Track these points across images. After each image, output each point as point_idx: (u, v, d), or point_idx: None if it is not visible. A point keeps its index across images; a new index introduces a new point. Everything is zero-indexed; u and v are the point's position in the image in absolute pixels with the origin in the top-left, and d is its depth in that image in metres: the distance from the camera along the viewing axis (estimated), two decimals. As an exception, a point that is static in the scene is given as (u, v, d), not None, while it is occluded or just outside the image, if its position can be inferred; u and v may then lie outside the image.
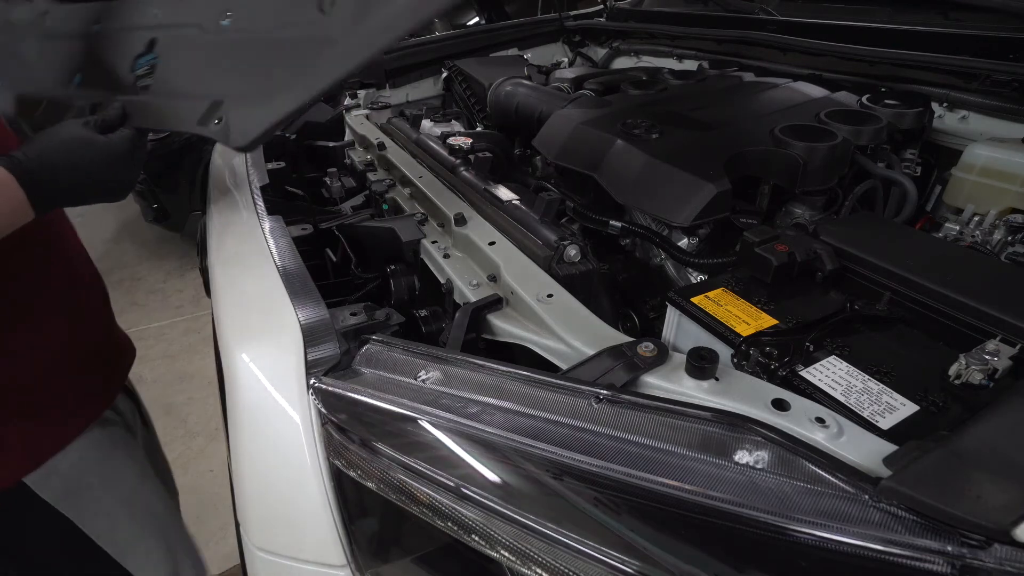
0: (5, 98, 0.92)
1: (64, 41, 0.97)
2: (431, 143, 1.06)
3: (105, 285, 0.89)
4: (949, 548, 0.31)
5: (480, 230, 0.78)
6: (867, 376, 0.49)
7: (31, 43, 1.01)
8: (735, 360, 0.53)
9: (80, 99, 0.86)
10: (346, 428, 0.48)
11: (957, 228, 0.78)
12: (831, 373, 0.50)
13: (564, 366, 0.57)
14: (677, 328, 0.61)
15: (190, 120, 0.68)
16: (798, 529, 0.34)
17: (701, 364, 0.47)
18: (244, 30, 0.71)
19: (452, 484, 0.42)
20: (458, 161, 0.96)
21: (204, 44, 0.75)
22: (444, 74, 1.59)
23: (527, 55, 1.70)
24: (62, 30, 0.99)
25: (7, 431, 0.70)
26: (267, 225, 0.76)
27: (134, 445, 0.88)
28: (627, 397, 0.44)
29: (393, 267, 0.83)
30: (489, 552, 0.41)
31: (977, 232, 0.76)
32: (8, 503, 0.71)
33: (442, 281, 0.76)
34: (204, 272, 0.92)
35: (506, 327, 0.65)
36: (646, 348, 0.52)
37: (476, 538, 0.41)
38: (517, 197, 0.84)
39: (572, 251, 0.69)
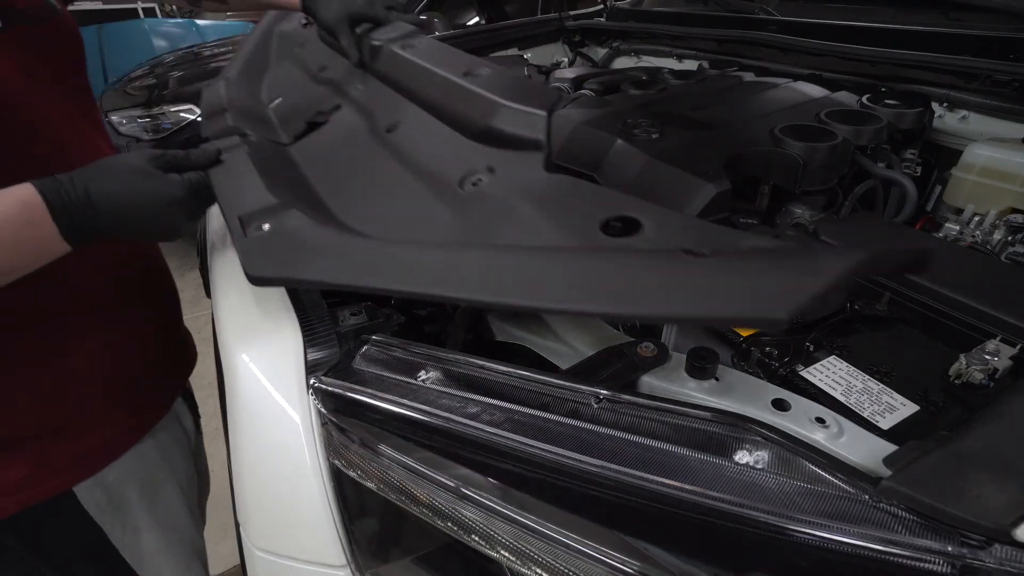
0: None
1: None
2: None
3: (175, 284, 0.88)
4: (949, 548, 0.31)
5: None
6: (867, 376, 0.49)
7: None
8: (735, 360, 0.53)
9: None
10: (346, 428, 0.48)
11: (957, 228, 0.78)
12: (831, 373, 0.50)
13: (564, 366, 0.57)
14: (677, 328, 0.61)
15: (240, 205, 0.61)
16: (798, 529, 0.34)
17: (701, 364, 0.47)
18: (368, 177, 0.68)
19: (452, 484, 0.42)
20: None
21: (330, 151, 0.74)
22: (444, 74, 1.59)
23: (527, 55, 1.70)
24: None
25: (66, 431, 0.68)
26: (267, 225, 0.76)
27: (181, 457, 0.87)
28: (627, 397, 0.44)
29: None
30: (489, 552, 0.41)
31: (977, 232, 0.76)
32: (56, 510, 0.69)
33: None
34: (204, 272, 0.92)
35: (506, 327, 0.65)
36: (646, 348, 0.52)
37: (476, 538, 0.41)
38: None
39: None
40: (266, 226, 0.56)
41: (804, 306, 0.28)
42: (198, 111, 2.73)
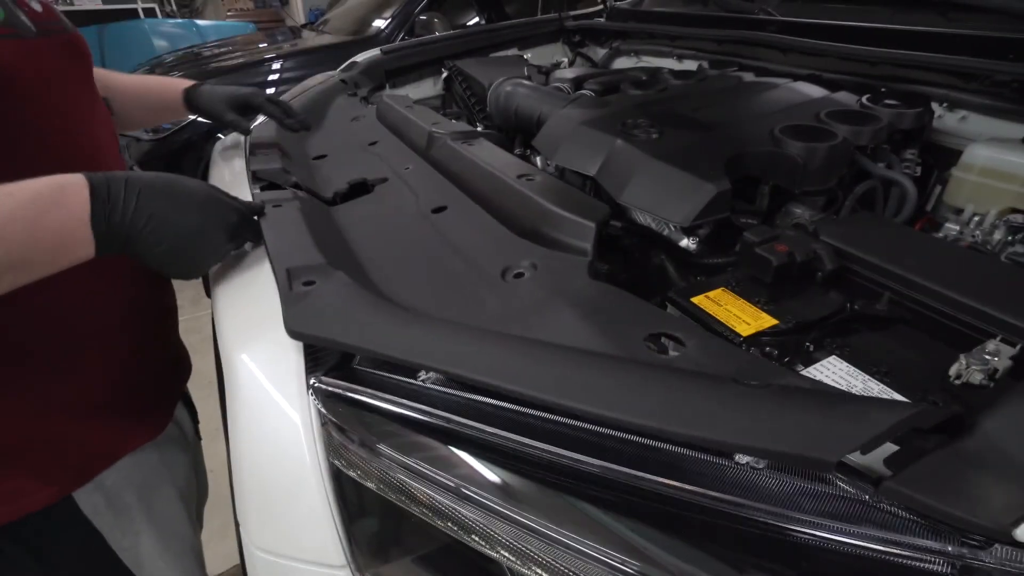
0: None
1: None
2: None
3: (175, 295, 0.87)
4: (950, 548, 0.31)
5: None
6: (867, 376, 0.49)
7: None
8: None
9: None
10: (346, 428, 0.48)
11: (957, 228, 0.78)
12: (831, 373, 0.50)
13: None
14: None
15: (289, 258, 0.60)
16: (799, 529, 0.34)
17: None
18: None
19: (452, 484, 0.42)
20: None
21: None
22: (444, 74, 1.59)
23: (527, 55, 1.70)
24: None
25: (65, 442, 0.67)
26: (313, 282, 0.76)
27: (180, 462, 0.86)
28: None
29: None
30: (489, 552, 0.41)
31: (977, 232, 0.76)
32: (54, 516, 0.68)
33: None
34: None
35: (506, 327, 0.65)
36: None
37: (476, 538, 0.41)
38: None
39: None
40: (312, 283, 0.56)
41: (851, 452, 0.32)
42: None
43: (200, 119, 1.02)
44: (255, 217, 0.68)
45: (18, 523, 0.65)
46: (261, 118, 1.11)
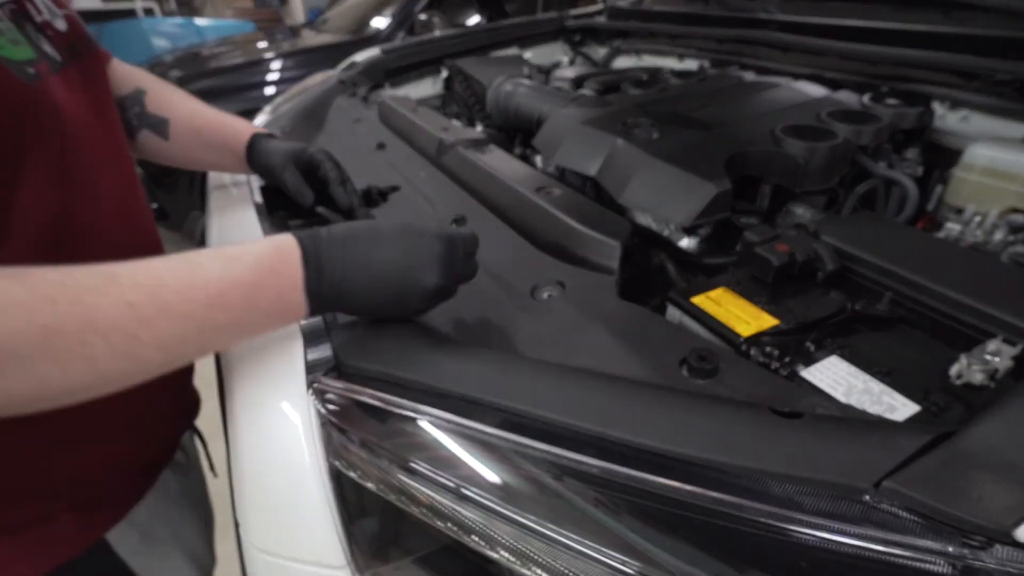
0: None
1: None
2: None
3: None
4: (950, 548, 0.31)
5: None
6: (868, 376, 0.49)
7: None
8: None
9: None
10: (346, 428, 0.48)
11: (958, 228, 0.78)
12: (832, 373, 0.50)
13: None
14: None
15: None
16: (799, 529, 0.34)
17: (700, 365, 0.47)
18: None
19: (452, 484, 0.42)
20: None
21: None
22: (444, 74, 1.59)
23: (527, 55, 1.69)
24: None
25: (91, 486, 0.63)
26: (267, 224, 0.76)
27: (195, 487, 0.85)
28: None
29: None
30: (489, 553, 0.41)
31: (978, 232, 0.76)
32: (90, 564, 0.63)
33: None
34: (204, 272, 0.91)
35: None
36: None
37: (476, 538, 0.41)
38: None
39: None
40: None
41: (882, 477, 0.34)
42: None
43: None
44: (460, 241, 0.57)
45: (52, 573, 0.60)
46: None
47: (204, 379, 1.04)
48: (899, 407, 0.46)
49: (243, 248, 0.48)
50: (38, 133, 0.51)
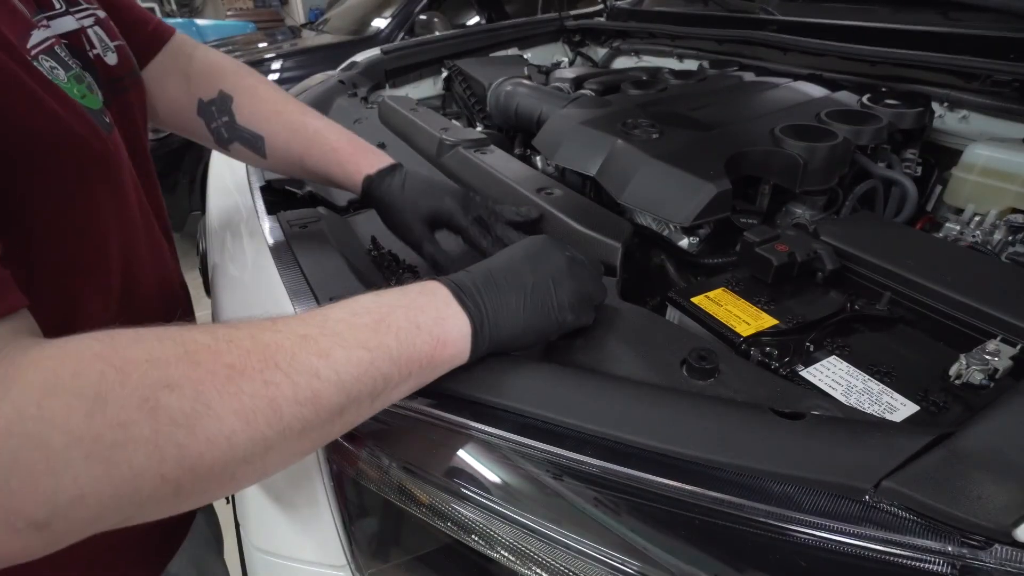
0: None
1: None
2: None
3: None
4: (949, 548, 0.31)
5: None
6: (867, 376, 0.49)
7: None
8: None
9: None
10: (346, 428, 0.47)
11: (957, 228, 0.78)
12: (831, 373, 0.50)
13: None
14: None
15: (331, 290, 0.58)
16: (799, 529, 0.34)
17: (701, 365, 0.47)
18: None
19: (452, 484, 0.42)
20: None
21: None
22: (444, 74, 1.59)
23: (527, 55, 1.70)
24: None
25: (127, 542, 0.58)
26: (267, 225, 0.76)
27: (216, 522, 0.85)
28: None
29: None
30: (489, 552, 0.41)
31: (977, 232, 0.76)
32: None
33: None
34: (204, 272, 0.92)
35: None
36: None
37: (476, 538, 0.41)
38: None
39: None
40: None
41: (882, 478, 0.35)
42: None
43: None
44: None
45: None
46: None
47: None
48: (898, 407, 0.46)
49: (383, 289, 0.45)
50: (108, 181, 0.50)
